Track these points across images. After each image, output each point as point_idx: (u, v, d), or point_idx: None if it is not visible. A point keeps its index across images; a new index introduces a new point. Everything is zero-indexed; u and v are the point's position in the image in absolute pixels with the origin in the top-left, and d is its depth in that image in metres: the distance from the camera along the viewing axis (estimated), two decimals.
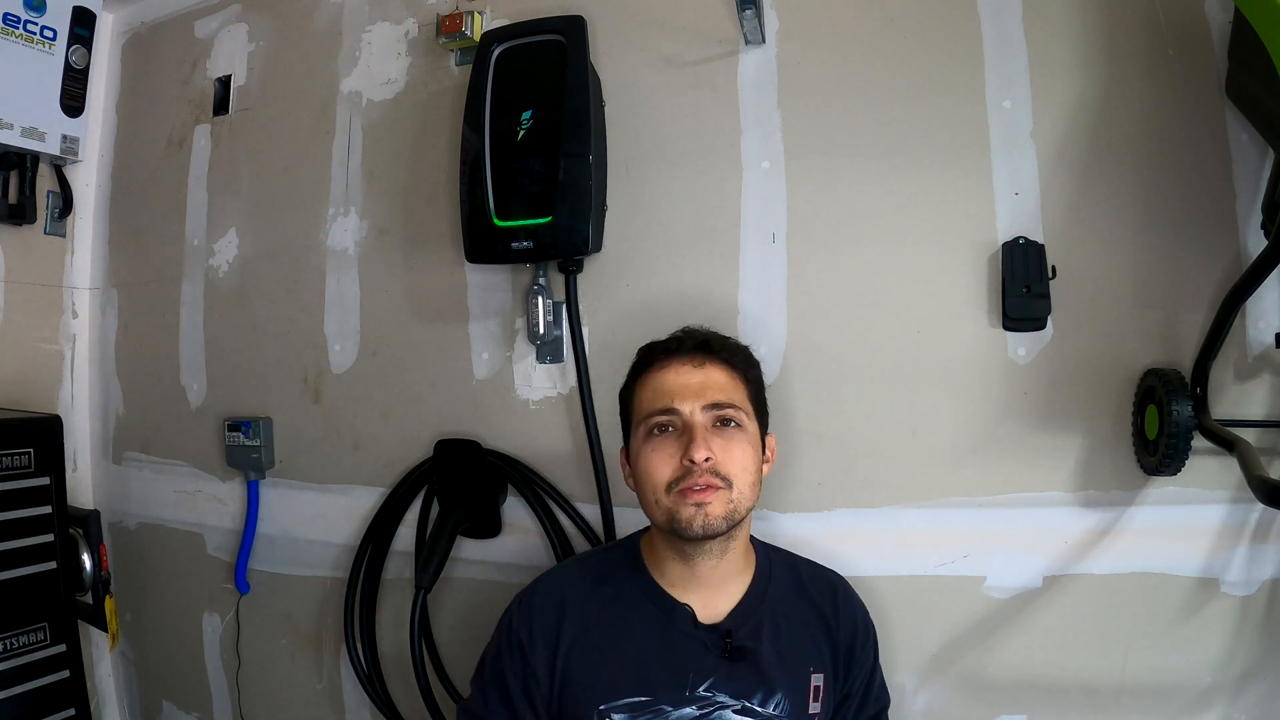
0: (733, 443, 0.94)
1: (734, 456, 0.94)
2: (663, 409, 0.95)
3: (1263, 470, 0.89)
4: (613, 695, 0.94)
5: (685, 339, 1.00)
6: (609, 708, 0.93)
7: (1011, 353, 1.18)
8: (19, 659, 1.31)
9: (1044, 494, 1.16)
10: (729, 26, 1.30)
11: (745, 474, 0.94)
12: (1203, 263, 1.11)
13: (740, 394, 0.98)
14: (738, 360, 1.00)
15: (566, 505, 1.37)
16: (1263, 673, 1.10)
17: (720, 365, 0.98)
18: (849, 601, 1.05)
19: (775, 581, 1.02)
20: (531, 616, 0.99)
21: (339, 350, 1.58)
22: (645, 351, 1.03)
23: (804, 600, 1.03)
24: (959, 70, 1.21)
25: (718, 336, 1.02)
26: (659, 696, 0.93)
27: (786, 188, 1.28)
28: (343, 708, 1.59)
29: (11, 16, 1.57)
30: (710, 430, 0.94)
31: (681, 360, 0.98)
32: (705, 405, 0.94)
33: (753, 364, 1.03)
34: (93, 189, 1.89)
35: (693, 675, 0.94)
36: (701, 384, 0.95)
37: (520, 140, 1.29)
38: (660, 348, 1.01)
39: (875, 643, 1.07)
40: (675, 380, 0.96)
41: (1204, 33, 1.13)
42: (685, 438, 0.93)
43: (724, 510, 0.92)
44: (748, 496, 0.94)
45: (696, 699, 0.94)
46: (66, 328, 1.85)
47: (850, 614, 1.04)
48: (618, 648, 0.96)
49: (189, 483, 1.75)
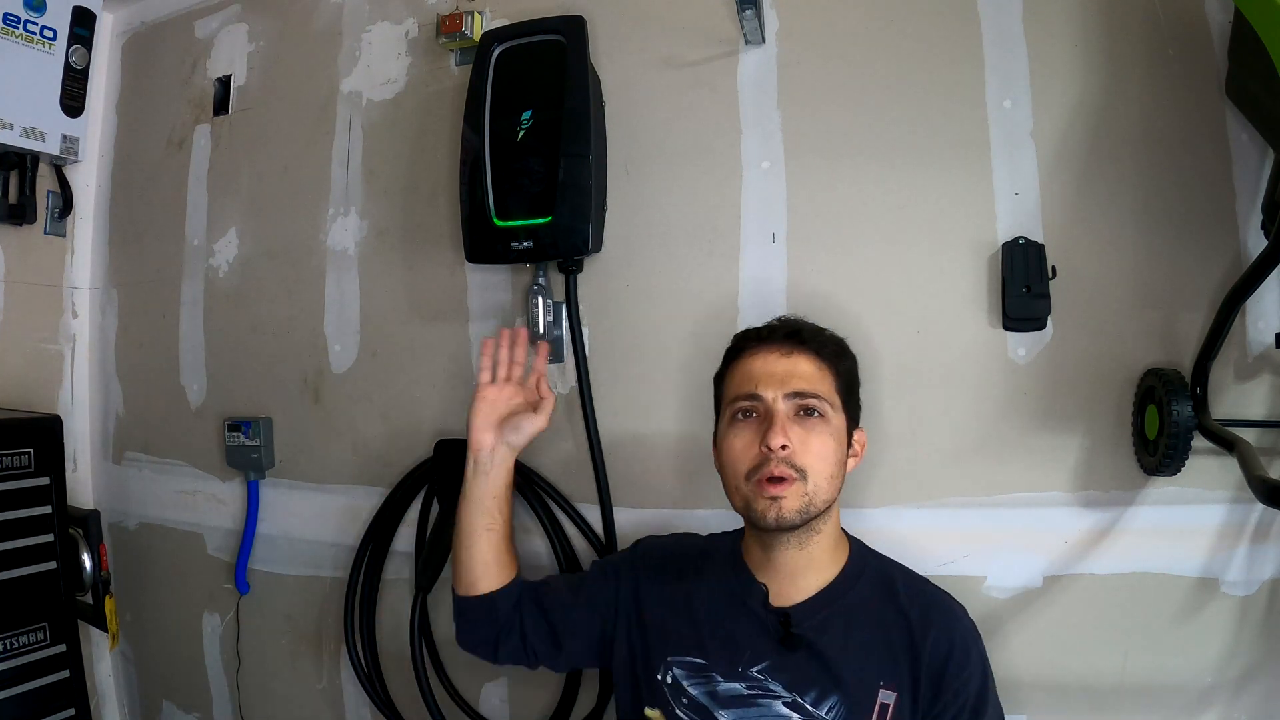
0: (813, 433, 0.94)
1: (811, 447, 0.93)
2: (746, 394, 0.96)
3: (1263, 470, 0.88)
4: (679, 650, 1.00)
5: (778, 328, 1.01)
6: (674, 660, 1.00)
7: (1011, 353, 1.18)
8: (19, 659, 1.31)
9: (1044, 494, 1.16)
10: (729, 26, 1.30)
11: (823, 465, 0.93)
12: (1203, 263, 1.11)
13: (827, 385, 0.97)
14: (828, 351, 1.00)
15: (566, 505, 1.37)
16: (1263, 673, 1.10)
17: (809, 355, 0.98)
18: (947, 620, 0.95)
19: (863, 583, 0.99)
20: (639, 556, 1.11)
21: (339, 350, 1.58)
22: (738, 338, 1.05)
23: (892, 608, 0.96)
24: (959, 70, 1.21)
25: (811, 327, 1.02)
26: (712, 664, 0.97)
27: (786, 188, 1.28)
28: (343, 708, 1.59)
29: (11, 16, 1.57)
30: (791, 419, 0.94)
31: (770, 348, 0.99)
32: (788, 393, 0.94)
33: (845, 356, 1.02)
34: (93, 189, 1.89)
35: (749, 653, 0.96)
36: (787, 372, 0.96)
37: (520, 140, 1.29)
38: (752, 335, 1.02)
39: (984, 681, 0.93)
40: (761, 367, 0.97)
41: (1204, 33, 1.12)
42: (765, 424, 0.93)
43: (798, 504, 0.92)
44: (824, 489, 0.93)
45: (747, 678, 0.95)
46: (66, 328, 1.85)
47: (945, 632, 0.93)
48: (696, 609, 1.02)
49: (189, 483, 1.75)
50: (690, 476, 1.31)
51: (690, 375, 1.31)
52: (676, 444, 1.32)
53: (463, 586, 1.11)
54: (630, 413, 1.35)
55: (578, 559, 1.37)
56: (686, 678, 0.99)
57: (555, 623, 1.09)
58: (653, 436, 1.33)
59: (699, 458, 1.31)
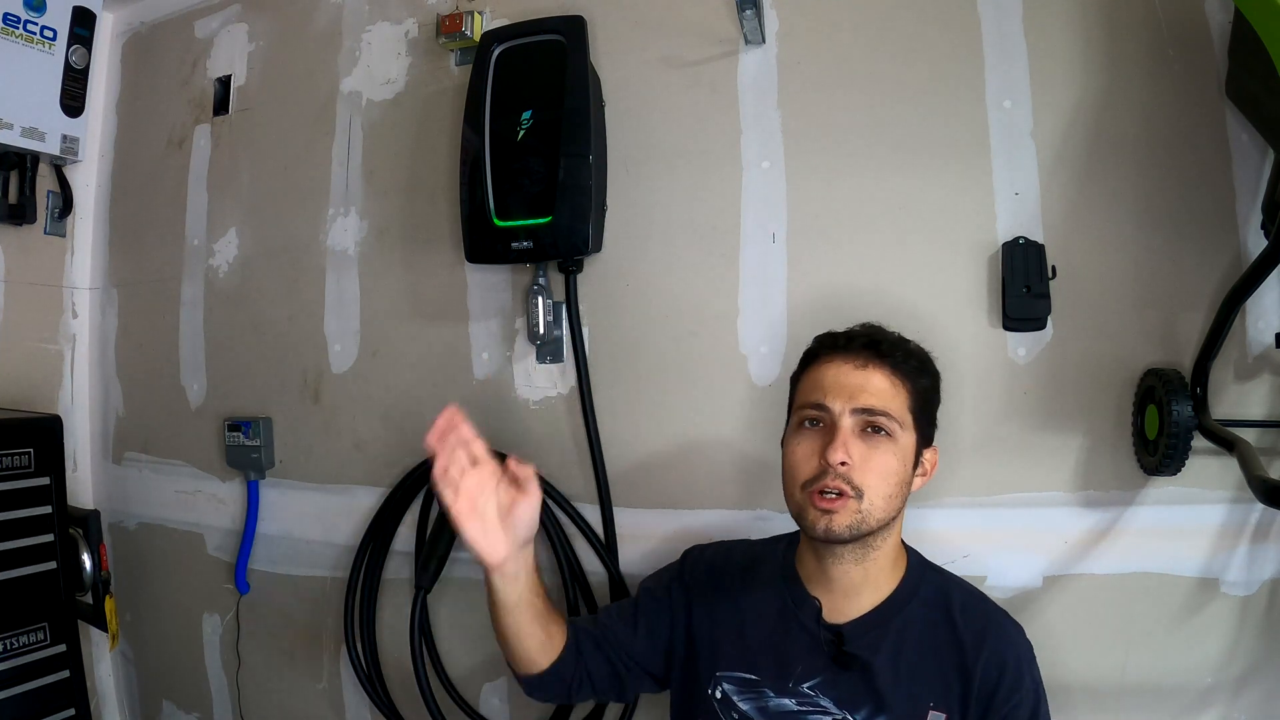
0: (875, 451, 0.91)
1: (873, 466, 0.90)
2: (814, 403, 0.94)
3: (1263, 470, 0.88)
4: (730, 665, 0.99)
5: (857, 336, 0.97)
6: (724, 676, 0.99)
7: (1011, 353, 1.18)
8: (19, 659, 1.31)
9: (1044, 494, 1.16)
10: (729, 26, 1.30)
11: (882, 485, 0.90)
12: (1203, 263, 1.11)
13: (899, 403, 0.93)
14: (906, 367, 0.95)
15: (567, 505, 1.37)
16: (1263, 673, 1.10)
17: (884, 369, 0.94)
18: (1001, 640, 0.93)
19: (918, 601, 0.96)
20: (686, 569, 1.09)
21: (339, 350, 1.58)
22: (817, 341, 1.01)
23: (946, 627, 0.94)
24: (959, 70, 1.21)
25: (892, 339, 0.98)
26: (764, 679, 0.97)
27: (786, 188, 1.28)
28: (343, 708, 1.59)
29: (11, 16, 1.57)
30: (856, 435, 0.91)
31: (846, 358, 0.95)
32: (856, 408, 0.91)
33: (925, 373, 0.98)
34: (93, 189, 1.89)
35: (800, 669, 0.95)
36: (858, 386, 0.92)
37: (520, 140, 1.29)
38: (829, 340, 0.99)
39: (1036, 706, 0.91)
40: (834, 377, 0.94)
41: (1204, 33, 1.12)
42: (828, 437, 0.91)
43: (849, 520, 0.89)
44: (879, 508, 0.90)
45: (798, 694, 0.94)
46: (66, 328, 1.85)
47: (998, 654, 0.91)
48: (745, 624, 1.00)
49: (189, 483, 1.75)
50: (691, 476, 1.31)
51: (690, 375, 1.31)
52: (677, 444, 1.32)
53: (522, 667, 1.04)
54: (630, 412, 1.35)
55: (578, 559, 1.37)
56: (737, 693, 0.97)
57: (618, 664, 1.06)
58: (653, 436, 1.33)
59: (700, 458, 1.31)
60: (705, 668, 1.01)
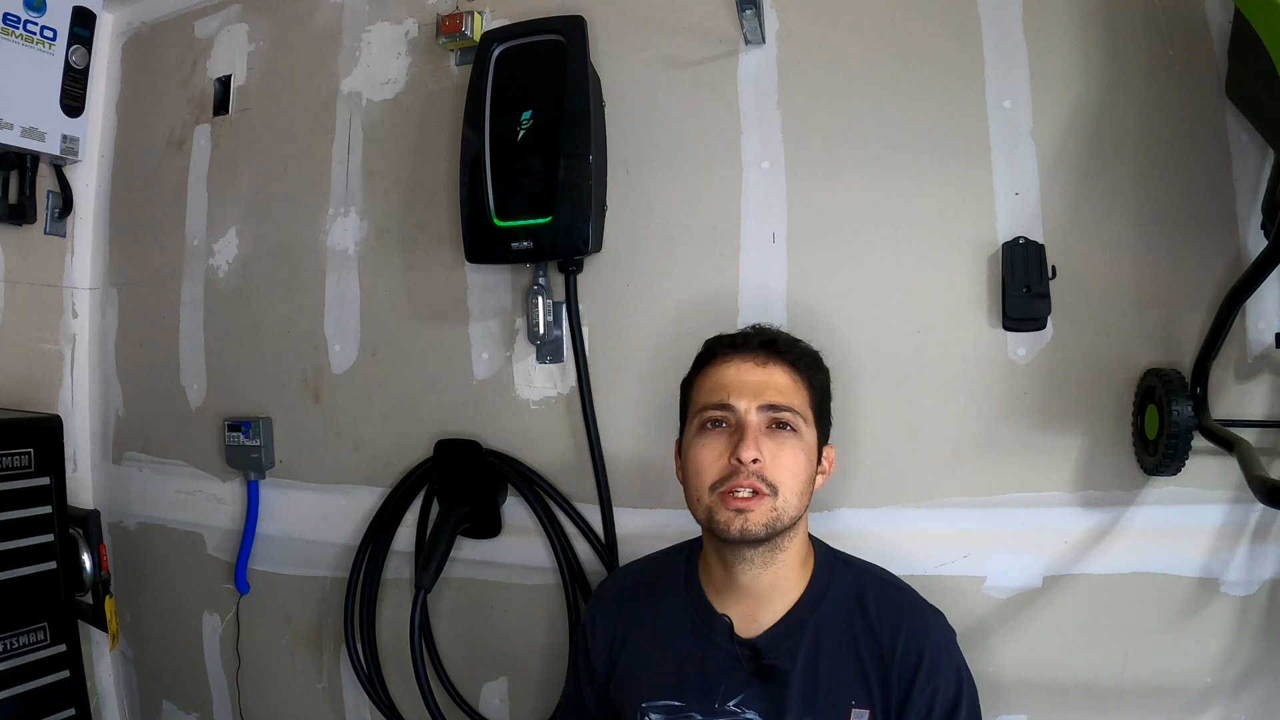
0: (784, 447, 0.91)
1: (783, 462, 0.90)
2: (717, 403, 0.93)
3: (1263, 470, 0.88)
4: (653, 695, 0.97)
5: (753, 336, 0.98)
6: (649, 706, 0.98)
7: (1011, 353, 1.18)
8: (19, 659, 1.31)
9: (1044, 494, 1.16)
10: (729, 26, 1.30)
11: (793, 481, 0.91)
12: (1203, 263, 1.11)
13: (800, 399, 0.94)
14: (804, 364, 0.96)
15: (566, 505, 1.37)
16: (1263, 673, 1.10)
17: (784, 367, 0.95)
18: (917, 628, 0.92)
19: (830, 599, 0.95)
20: (598, 609, 1.08)
21: (339, 350, 1.58)
22: (711, 344, 1.01)
23: (861, 622, 0.93)
24: (959, 70, 1.21)
25: (787, 337, 0.99)
26: (690, 704, 0.95)
27: (786, 188, 1.28)
28: (343, 708, 1.59)
29: (11, 16, 1.57)
30: (763, 432, 0.91)
31: (745, 357, 0.95)
32: (761, 405, 0.91)
33: (820, 370, 0.99)
34: (93, 189, 1.88)
35: (724, 688, 0.94)
36: (761, 383, 0.93)
37: (520, 140, 1.29)
38: (725, 341, 0.99)
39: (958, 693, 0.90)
40: (735, 376, 0.94)
41: (1204, 33, 1.12)
42: (736, 436, 0.91)
43: (766, 518, 0.89)
44: (793, 505, 0.91)
45: (725, 713, 0.93)
46: (66, 328, 1.85)
47: (914, 642, 0.90)
48: (661, 650, 0.99)
49: (189, 483, 1.75)
50: None
51: None
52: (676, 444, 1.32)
53: None
54: (630, 412, 1.35)
55: (578, 559, 1.37)
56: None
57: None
58: (653, 436, 1.33)
59: None
60: (631, 698, 0.99)
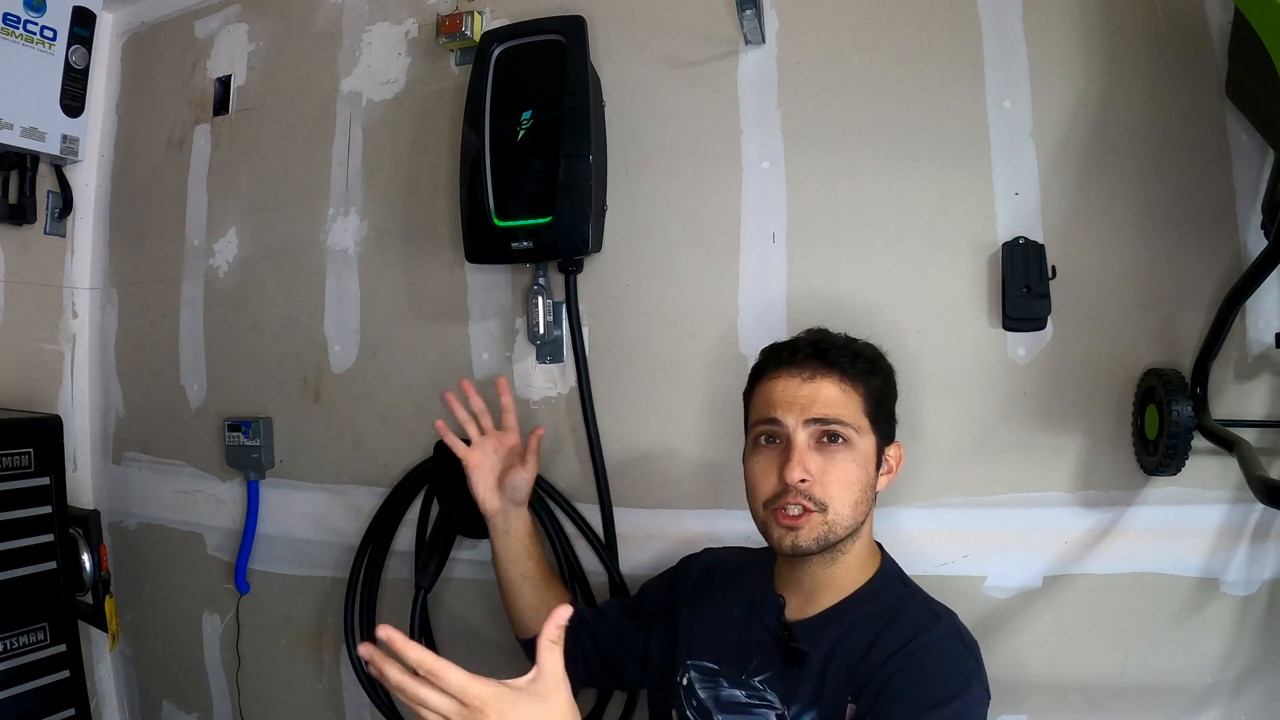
0: (834, 461, 0.91)
1: (834, 477, 0.90)
2: (767, 419, 0.94)
3: (1263, 470, 0.88)
4: (698, 655, 1.02)
5: (802, 347, 0.96)
6: (692, 664, 1.02)
7: (1011, 353, 1.18)
8: (19, 659, 1.31)
9: (1044, 494, 1.16)
10: (729, 26, 1.30)
11: (846, 494, 0.90)
12: (1203, 263, 1.11)
13: (851, 408, 0.92)
14: (856, 369, 0.94)
15: (566, 505, 1.37)
16: (1263, 673, 1.10)
17: (833, 377, 0.93)
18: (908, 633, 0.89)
19: (875, 605, 0.94)
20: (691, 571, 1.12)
21: (339, 350, 1.58)
22: (764, 355, 1.00)
23: (885, 632, 0.91)
24: (959, 70, 1.21)
25: (839, 343, 0.97)
26: (723, 669, 0.99)
27: (786, 188, 1.27)
28: (342, 708, 1.59)
29: (11, 16, 1.57)
30: (812, 447, 0.91)
31: (792, 371, 0.94)
32: (809, 419, 0.91)
33: (876, 372, 0.97)
34: (93, 189, 1.88)
35: (756, 662, 0.96)
36: (809, 398, 0.92)
37: (520, 140, 1.29)
38: (775, 356, 0.98)
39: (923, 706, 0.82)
40: (782, 392, 0.93)
41: (1204, 33, 1.12)
42: (785, 454, 0.91)
43: (816, 534, 0.90)
44: (846, 517, 0.90)
45: (749, 686, 0.95)
46: (66, 328, 1.85)
47: (893, 643, 0.88)
48: (720, 615, 1.04)
49: (189, 483, 1.75)
50: (690, 477, 1.31)
51: (690, 375, 1.31)
52: (677, 444, 1.32)
53: (519, 630, 1.20)
54: (630, 412, 1.35)
55: (578, 559, 1.37)
56: (699, 680, 1.00)
57: (608, 650, 1.12)
58: (653, 436, 1.33)
59: (699, 458, 1.31)
60: (681, 654, 1.04)
